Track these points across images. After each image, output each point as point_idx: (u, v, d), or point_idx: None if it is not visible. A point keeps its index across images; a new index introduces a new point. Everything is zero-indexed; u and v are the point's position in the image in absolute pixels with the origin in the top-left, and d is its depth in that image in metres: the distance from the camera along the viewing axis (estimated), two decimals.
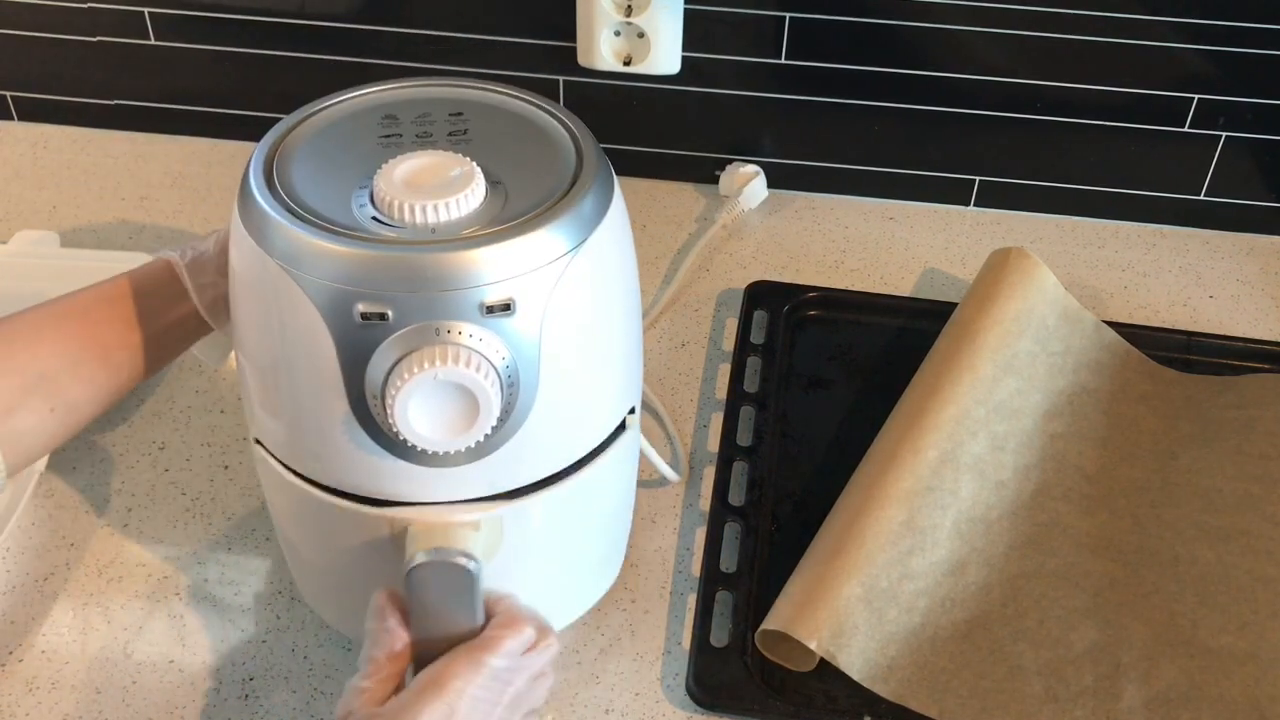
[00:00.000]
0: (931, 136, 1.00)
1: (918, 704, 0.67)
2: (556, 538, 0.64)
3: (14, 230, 0.98)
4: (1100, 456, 0.80)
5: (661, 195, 1.05)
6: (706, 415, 0.85)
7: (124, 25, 1.03)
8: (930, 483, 0.74)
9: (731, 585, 0.73)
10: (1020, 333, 0.83)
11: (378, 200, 0.55)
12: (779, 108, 1.01)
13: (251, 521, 0.78)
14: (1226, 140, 0.98)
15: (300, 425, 0.58)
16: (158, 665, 0.70)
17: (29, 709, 0.68)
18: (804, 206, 1.04)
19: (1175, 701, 0.67)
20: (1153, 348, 0.87)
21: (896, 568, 0.71)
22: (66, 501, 0.79)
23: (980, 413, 0.78)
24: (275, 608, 0.73)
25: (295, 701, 0.68)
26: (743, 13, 0.96)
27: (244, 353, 0.60)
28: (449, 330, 0.53)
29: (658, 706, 0.68)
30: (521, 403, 0.56)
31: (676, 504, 0.79)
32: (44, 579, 0.74)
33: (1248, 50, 0.92)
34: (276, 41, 1.01)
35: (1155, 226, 1.03)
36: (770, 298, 0.92)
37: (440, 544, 0.57)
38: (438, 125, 0.60)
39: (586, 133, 0.60)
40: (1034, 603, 0.71)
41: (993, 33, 0.94)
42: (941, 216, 1.04)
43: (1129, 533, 0.76)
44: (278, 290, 0.55)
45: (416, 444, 0.54)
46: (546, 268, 0.54)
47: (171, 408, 0.85)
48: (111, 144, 1.09)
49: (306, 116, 0.61)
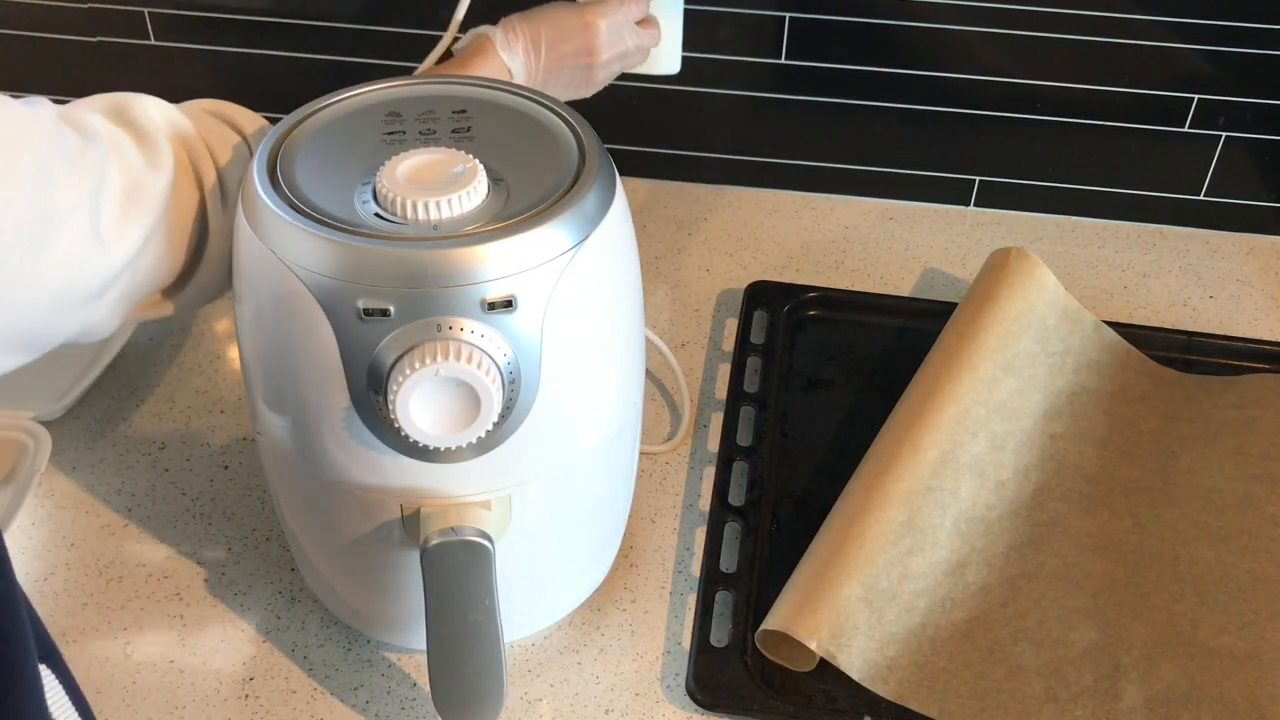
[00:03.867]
0: (931, 136, 1.01)
1: (918, 704, 0.67)
2: (552, 525, 0.65)
3: None
4: (1100, 456, 0.80)
5: (661, 195, 1.05)
6: (707, 415, 0.85)
7: (124, 25, 1.03)
8: (930, 483, 0.74)
9: (731, 585, 0.72)
10: (1020, 333, 0.83)
11: (381, 197, 0.55)
12: (779, 108, 1.01)
13: (251, 521, 0.77)
14: (1226, 140, 0.98)
15: (303, 420, 0.58)
16: (158, 665, 0.70)
17: None
18: (804, 206, 1.04)
19: (1175, 701, 0.67)
20: (1153, 348, 0.88)
21: (896, 568, 0.71)
22: (66, 501, 0.78)
23: (980, 413, 0.78)
24: (275, 608, 0.73)
25: (295, 701, 0.68)
26: (743, 13, 0.96)
27: (247, 347, 0.60)
28: (451, 326, 0.53)
29: (658, 707, 0.68)
30: (523, 399, 0.56)
31: (676, 504, 0.79)
32: (44, 579, 0.74)
33: (1248, 50, 0.93)
34: (276, 41, 1.01)
35: (1155, 226, 1.03)
36: (770, 298, 0.92)
37: (455, 523, 0.57)
38: (441, 122, 0.60)
39: (589, 130, 0.60)
40: (1034, 603, 0.71)
41: (992, 33, 0.94)
42: (941, 216, 1.04)
43: (1129, 533, 0.76)
44: (281, 286, 0.55)
45: (418, 440, 0.54)
46: (548, 265, 0.54)
47: (171, 408, 0.85)
48: None
49: (310, 113, 0.61)
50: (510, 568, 0.61)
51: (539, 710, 0.68)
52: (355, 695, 0.68)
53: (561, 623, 0.72)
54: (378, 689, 0.69)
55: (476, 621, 0.59)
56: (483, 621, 0.59)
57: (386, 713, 0.68)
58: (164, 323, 0.91)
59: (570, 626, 0.72)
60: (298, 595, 0.73)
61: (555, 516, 0.64)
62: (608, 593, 0.74)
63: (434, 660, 0.60)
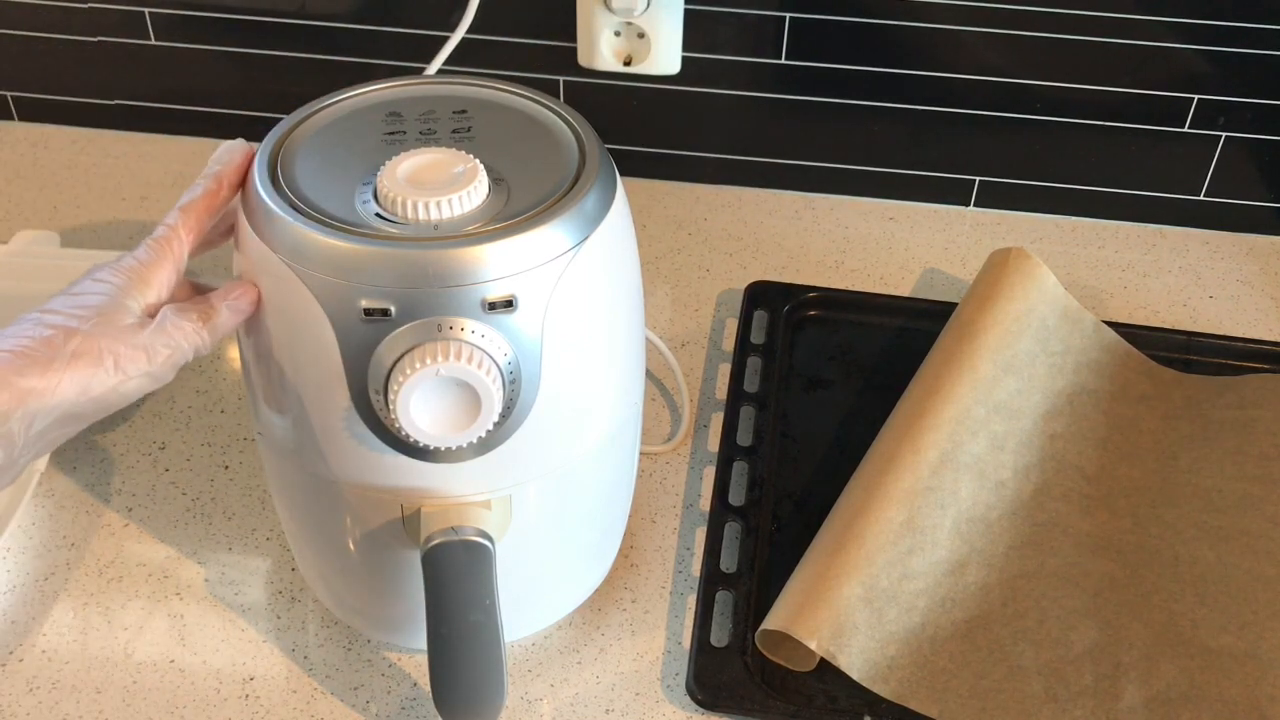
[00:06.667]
0: (931, 136, 1.01)
1: (918, 704, 0.67)
2: (553, 525, 0.65)
3: (14, 230, 0.98)
4: (1100, 456, 0.80)
5: (661, 195, 1.05)
6: (707, 415, 0.85)
7: (124, 25, 1.03)
8: (930, 483, 0.74)
9: (731, 585, 0.72)
10: (1020, 333, 0.83)
11: (381, 197, 0.55)
12: (779, 108, 1.01)
13: (251, 521, 0.78)
14: (1226, 140, 0.98)
15: (303, 420, 0.58)
16: (158, 665, 0.70)
17: (29, 709, 0.67)
18: (804, 206, 1.04)
19: (1175, 701, 0.67)
20: (1153, 348, 0.88)
21: (896, 567, 0.71)
22: (66, 501, 0.78)
23: (980, 413, 0.78)
24: (275, 608, 0.73)
25: (295, 701, 0.68)
26: (743, 13, 0.96)
27: (247, 348, 0.60)
28: (451, 326, 0.53)
29: (658, 706, 0.68)
30: (523, 399, 0.56)
31: (677, 504, 0.79)
32: (44, 579, 0.74)
33: (1248, 50, 0.93)
34: (276, 41, 1.01)
35: (1155, 226, 1.03)
36: (770, 298, 0.92)
37: (455, 523, 0.58)
38: (441, 123, 0.60)
39: (590, 130, 0.60)
40: (1034, 603, 0.71)
41: (992, 33, 0.94)
42: (941, 216, 1.04)
43: (1129, 533, 0.76)
44: (282, 286, 0.55)
45: (419, 440, 0.54)
46: (549, 264, 0.54)
47: (172, 408, 0.85)
48: (111, 144, 1.09)
49: (311, 114, 0.61)
50: (510, 568, 0.61)
51: (539, 710, 0.68)
52: (355, 695, 0.68)
53: (561, 623, 0.72)
54: (378, 689, 0.69)
55: (477, 621, 0.59)
56: (483, 621, 0.59)
57: (386, 713, 0.68)
58: None
59: (570, 626, 0.72)
60: (298, 595, 0.73)
61: (555, 516, 0.64)
62: (608, 593, 0.74)
63: (434, 660, 0.60)
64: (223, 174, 0.58)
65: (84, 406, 0.53)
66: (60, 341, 0.52)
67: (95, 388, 0.52)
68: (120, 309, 0.54)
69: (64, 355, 0.51)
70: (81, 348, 0.52)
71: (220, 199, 0.58)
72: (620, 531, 0.73)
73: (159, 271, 0.56)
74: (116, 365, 0.53)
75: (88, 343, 0.52)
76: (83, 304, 0.54)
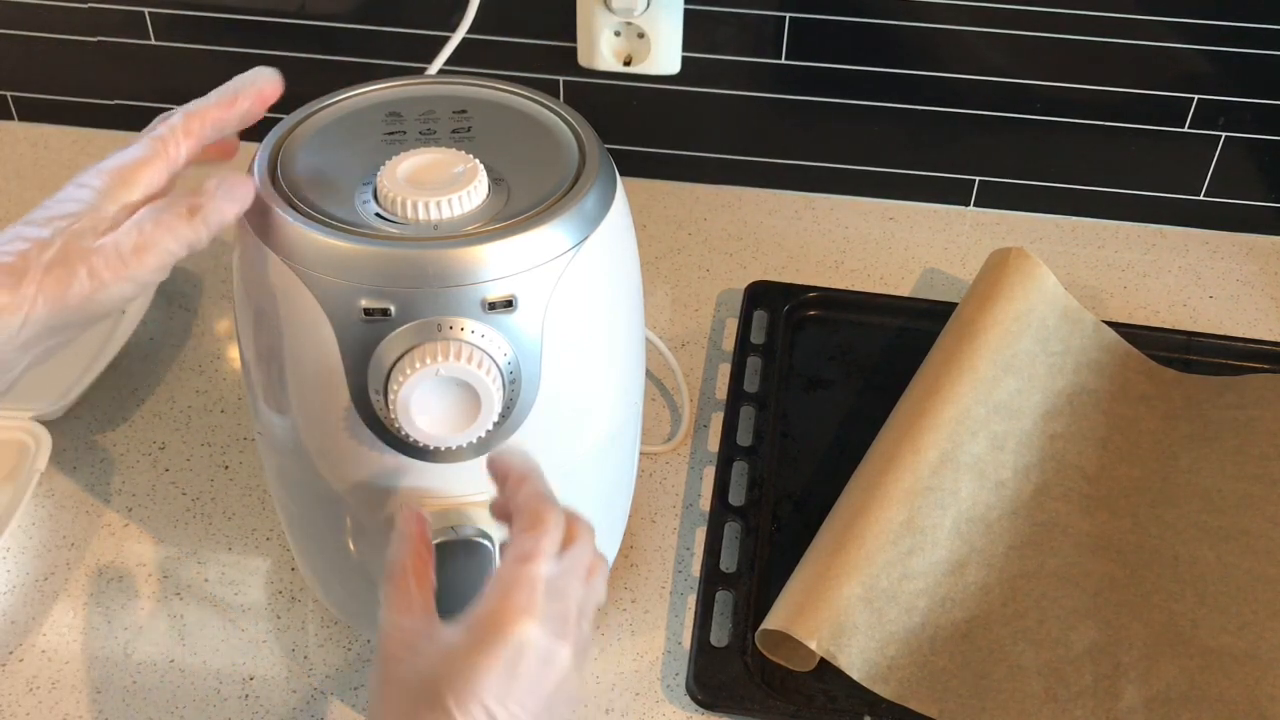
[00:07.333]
0: (931, 136, 1.01)
1: (918, 704, 0.67)
2: None
3: None
4: (1100, 456, 0.80)
5: (661, 195, 1.05)
6: (707, 415, 0.85)
7: (124, 25, 1.02)
8: (930, 483, 0.74)
9: (731, 585, 0.72)
10: (1020, 333, 0.83)
11: (381, 197, 0.55)
12: (779, 108, 1.01)
13: (251, 521, 0.77)
14: (1226, 140, 0.98)
15: (303, 420, 0.58)
16: (158, 665, 0.70)
17: (29, 709, 0.67)
18: (804, 206, 1.04)
19: (1175, 701, 0.67)
20: (1153, 348, 0.88)
21: (896, 567, 0.71)
22: (66, 501, 0.78)
23: (980, 412, 0.78)
24: (275, 608, 0.73)
25: (295, 701, 0.68)
26: (743, 13, 0.96)
27: (247, 347, 0.60)
28: (451, 326, 0.53)
29: (658, 706, 0.68)
30: (523, 399, 0.56)
31: (676, 504, 0.79)
32: (44, 579, 0.74)
33: (1248, 50, 0.92)
34: (276, 41, 1.01)
35: (1155, 226, 1.03)
36: (770, 298, 0.92)
37: (455, 523, 0.57)
38: (441, 123, 0.60)
39: (589, 130, 0.60)
40: (1034, 603, 0.71)
41: (992, 33, 0.94)
42: (941, 216, 1.04)
43: (1129, 533, 0.76)
44: (281, 286, 0.55)
45: (418, 440, 0.54)
46: (549, 264, 0.54)
47: (171, 408, 0.85)
48: (111, 144, 1.07)
49: (311, 114, 0.61)
50: None
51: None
52: (355, 695, 0.68)
53: None
54: None
55: None
56: None
57: None
58: (164, 322, 0.91)
59: None
60: (298, 595, 0.73)
61: None
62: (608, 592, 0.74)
63: None
64: (241, 89, 0.55)
65: (67, 317, 0.50)
66: (35, 255, 0.50)
67: (71, 298, 0.50)
68: (97, 213, 0.51)
69: (37, 268, 0.49)
70: (54, 259, 0.49)
71: (231, 114, 0.55)
72: (620, 531, 0.73)
73: (146, 171, 0.53)
74: (90, 274, 0.50)
75: (60, 253, 0.50)
76: (60, 212, 0.51)
